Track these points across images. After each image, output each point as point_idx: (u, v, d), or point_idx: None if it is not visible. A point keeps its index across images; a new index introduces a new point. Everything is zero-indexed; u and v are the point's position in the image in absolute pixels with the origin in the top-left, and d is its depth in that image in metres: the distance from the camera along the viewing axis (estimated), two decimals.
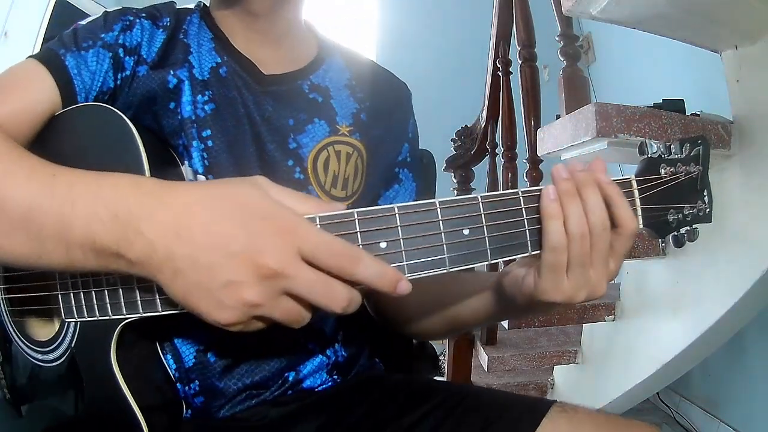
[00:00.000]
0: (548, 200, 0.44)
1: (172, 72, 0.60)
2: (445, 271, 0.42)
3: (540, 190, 0.45)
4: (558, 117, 1.37)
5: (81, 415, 0.54)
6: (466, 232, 0.43)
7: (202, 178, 0.59)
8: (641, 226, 0.49)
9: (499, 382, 1.75)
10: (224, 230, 0.38)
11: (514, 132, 1.72)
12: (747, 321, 1.28)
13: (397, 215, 0.42)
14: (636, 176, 0.48)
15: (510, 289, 0.50)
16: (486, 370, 1.69)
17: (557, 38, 1.48)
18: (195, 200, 0.39)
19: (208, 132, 0.60)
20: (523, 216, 0.44)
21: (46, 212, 0.40)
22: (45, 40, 2.40)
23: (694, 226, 0.51)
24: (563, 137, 1.19)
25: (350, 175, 0.65)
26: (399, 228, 0.41)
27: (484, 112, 1.91)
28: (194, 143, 0.59)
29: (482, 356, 1.70)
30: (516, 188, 0.47)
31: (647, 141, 0.49)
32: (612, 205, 0.44)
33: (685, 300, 1.26)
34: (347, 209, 0.41)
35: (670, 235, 0.50)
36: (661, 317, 1.34)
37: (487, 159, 1.91)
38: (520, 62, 1.62)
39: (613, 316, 1.49)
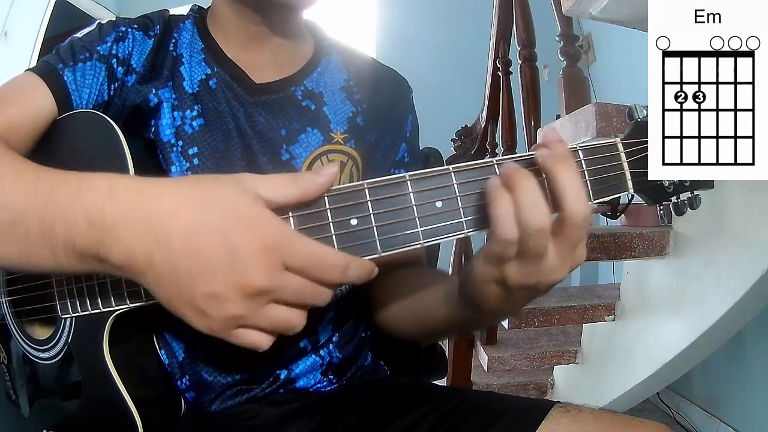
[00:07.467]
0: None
1: (154, 91, 0.60)
2: (419, 245, 0.41)
3: (516, 156, 0.42)
4: (558, 117, 1.38)
5: (81, 410, 0.54)
6: (438, 204, 0.41)
7: None
8: (631, 190, 0.44)
9: (499, 382, 1.76)
10: (205, 241, 0.37)
11: (514, 132, 1.72)
12: (747, 321, 1.28)
13: (366, 190, 0.40)
14: (623, 140, 0.44)
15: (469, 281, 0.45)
16: (486, 370, 1.69)
17: (557, 38, 1.48)
18: (175, 206, 0.37)
19: (195, 150, 0.59)
20: None
21: (31, 216, 0.40)
22: (45, 41, 2.41)
23: (695, 193, 0.46)
24: (563, 137, 1.19)
25: (345, 183, 0.64)
26: (369, 203, 0.40)
27: (484, 112, 1.91)
28: (173, 168, 0.58)
29: (482, 356, 1.70)
30: None
31: (636, 105, 0.46)
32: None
33: (685, 300, 1.26)
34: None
35: (670, 203, 0.47)
36: (661, 317, 1.34)
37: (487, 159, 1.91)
38: (520, 62, 1.62)
39: (613, 316, 1.49)
